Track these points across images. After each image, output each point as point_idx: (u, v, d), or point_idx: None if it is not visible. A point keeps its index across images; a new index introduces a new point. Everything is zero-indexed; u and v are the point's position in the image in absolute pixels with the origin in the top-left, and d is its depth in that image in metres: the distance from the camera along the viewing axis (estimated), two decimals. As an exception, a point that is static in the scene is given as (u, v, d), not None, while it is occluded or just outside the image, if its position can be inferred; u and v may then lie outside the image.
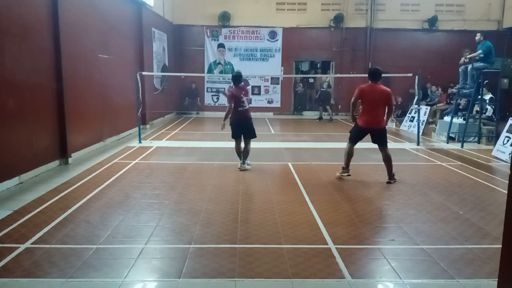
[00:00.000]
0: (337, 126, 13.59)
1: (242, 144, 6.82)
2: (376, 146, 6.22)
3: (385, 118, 6.20)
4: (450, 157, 8.29)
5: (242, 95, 6.63)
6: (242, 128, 6.71)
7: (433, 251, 3.69)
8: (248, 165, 6.84)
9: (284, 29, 16.29)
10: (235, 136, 6.78)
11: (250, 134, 6.75)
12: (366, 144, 6.65)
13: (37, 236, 3.92)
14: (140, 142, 9.37)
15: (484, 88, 10.34)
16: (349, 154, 6.29)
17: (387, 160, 6.05)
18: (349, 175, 6.28)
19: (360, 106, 6.15)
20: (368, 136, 6.20)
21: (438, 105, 14.24)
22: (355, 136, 6.26)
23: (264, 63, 16.46)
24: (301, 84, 17.50)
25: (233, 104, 6.57)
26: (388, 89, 6.03)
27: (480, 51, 9.36)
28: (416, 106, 10.61)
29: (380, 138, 6.10)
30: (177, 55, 16.17)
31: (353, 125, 6.39)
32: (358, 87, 6.12)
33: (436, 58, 15.88)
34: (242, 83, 6.99)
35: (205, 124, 14.00)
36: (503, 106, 11.95)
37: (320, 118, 15.28)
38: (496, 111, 9.98)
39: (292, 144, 9.69)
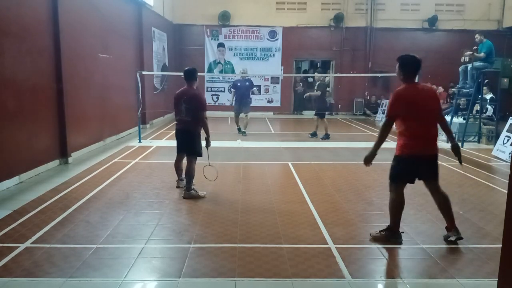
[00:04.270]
0: (337, 125, 13.56)
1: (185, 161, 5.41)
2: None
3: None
4: (450, 156, 8.27)
5: (182, 101, 5.15)
6: (181, 140, 5.38)
7: (433, 251, 3.69)
8: (195, 191, 5.18)
9: (284, 28, 16.29)
10: (176, 150, 5.51)
11: (189, 149, 5.29)
12: (364, 144, 6.58)
13: (37, 236, 3.92)
14: (140, 141, 9.37)
15: (485, 88, 10.35)
16: (399, 205, 3.81)
17: (446, 201, 3.88)
18: (400, 242, 3.85)
19: (399, 126, 3.80)
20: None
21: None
22: (404, 173, 3.80)
23: (264, 63, 16.45)
24: (301, 83, 17.49)
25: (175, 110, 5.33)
26: (434, 89, 3.86)
27: (482, 53, 9.35)
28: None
29: (433, 169, 3.86)
30: (177, 55, 16.16)
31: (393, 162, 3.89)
32: (395, 95, 3.72)
33: (436, 58, 15.86)
34: (195, 83, 5.25)
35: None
36: (503, 105, 11.95)
37: None
38: (496, 110, 9.98)
39: (292, 144, 9.68)
